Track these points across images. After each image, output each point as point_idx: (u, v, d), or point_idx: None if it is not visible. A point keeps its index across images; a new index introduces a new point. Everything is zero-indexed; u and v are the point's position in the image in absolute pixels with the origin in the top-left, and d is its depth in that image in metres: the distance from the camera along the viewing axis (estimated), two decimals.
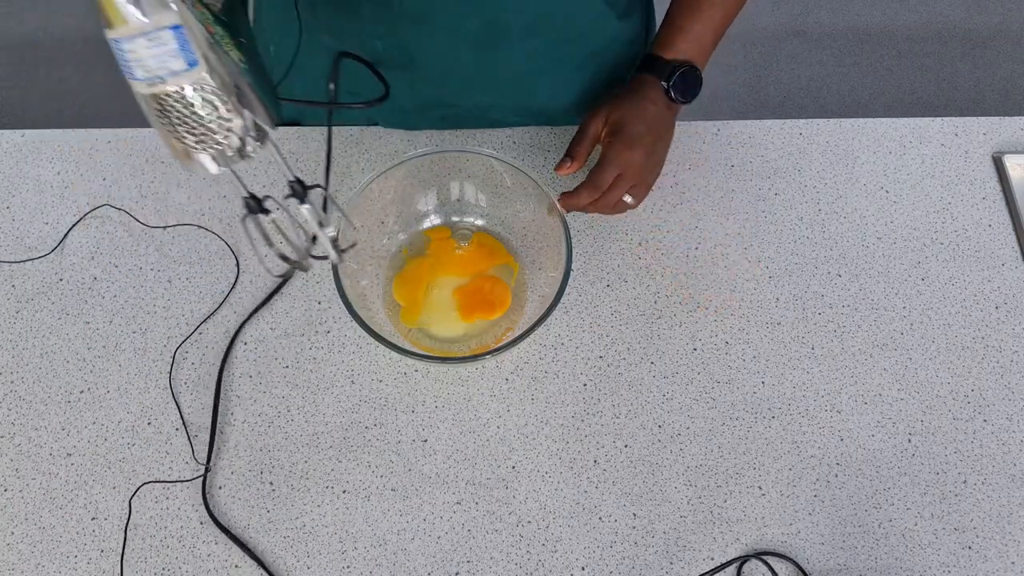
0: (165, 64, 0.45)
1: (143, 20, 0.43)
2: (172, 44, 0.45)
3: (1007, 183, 0.82)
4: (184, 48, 0.45)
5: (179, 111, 0.46)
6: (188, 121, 0.47)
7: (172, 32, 0.44)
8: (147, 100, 0.46)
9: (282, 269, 0.60)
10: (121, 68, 0.45)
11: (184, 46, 0.45)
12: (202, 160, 0.49)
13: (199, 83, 0.46)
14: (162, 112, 0.46)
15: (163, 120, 0.47)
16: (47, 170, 0.80)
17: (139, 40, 0.44)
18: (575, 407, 0.71)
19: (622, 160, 0.70)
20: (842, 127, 0.85)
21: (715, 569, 0.65)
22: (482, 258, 0.74)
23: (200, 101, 0.46)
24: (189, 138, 0.48)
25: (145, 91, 0.45)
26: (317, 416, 0.70)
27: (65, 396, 0.70)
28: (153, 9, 0.43)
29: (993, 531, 0.66)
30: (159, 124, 0.47)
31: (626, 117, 0.71)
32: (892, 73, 1.99)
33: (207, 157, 0.49)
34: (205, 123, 0.47)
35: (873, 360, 0.73)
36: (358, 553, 0.65)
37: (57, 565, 0.64)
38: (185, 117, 0.47)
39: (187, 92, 0.46)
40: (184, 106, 0.46)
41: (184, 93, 0.46)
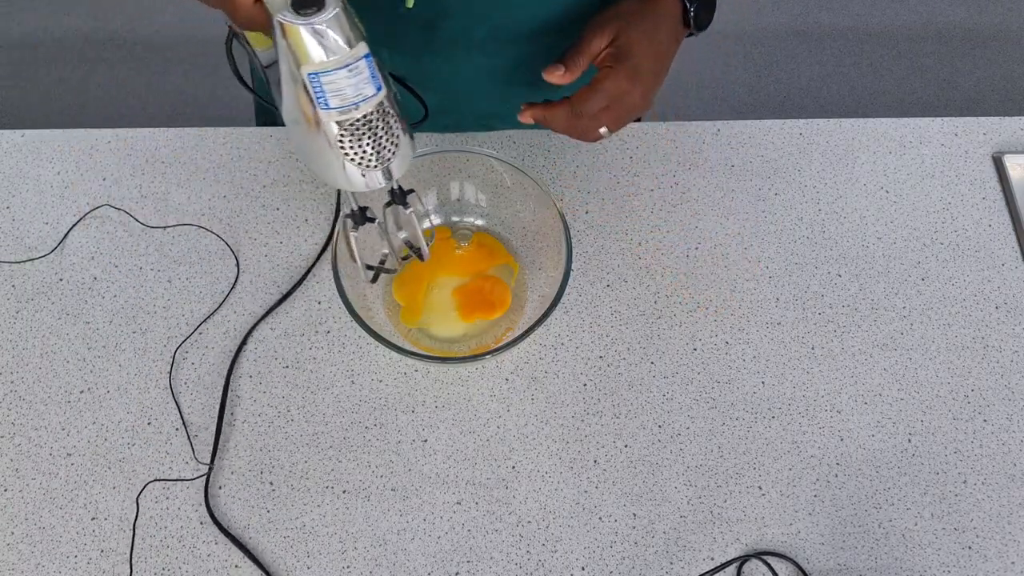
0: (360, 91, 0.48)
1: (346, 52, 0.47)
2: (366, 72, 0.48)
3: (1007, 183, 0.82)
4: (373, 74, 0.48)
5: (365, 132, 0.49)
6: (372, 141, 0.50)
7: (365, 61, 0.47)
8: (329, 127, 0.48)
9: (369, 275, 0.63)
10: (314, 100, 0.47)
11: (373, 72, 0.48)
12: (375, 179, 0.52)
13: (385, 104, 0.49)
14: (346, 136, 0.49)
15: (344, 144, 0.49)
16: (47, 170, 0.80)
17: (341, 71, 0.47)
18: (575, 407, 0.71)
19: (618, 92, 0.63)
20: (842, 127, 0.85)
21: (715, 569, 0.65)
22: (482, 258, 0.74)
23: (384, 121, 0.50)
24: (369, 159, 0.51)
25: (336, 119, 0.48)
26: (317, 416, 0.70)
27: (65, 396, 0.70)
28: (354, 41, 0.47)
29: (993, 531, 0.66)
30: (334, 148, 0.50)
31: (636, 44, 0.63)
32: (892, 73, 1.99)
33: (380, 172, 0.52)
34: (386, 140, 0.50)
35: (873, 360, 0.73)
36: (358, 553, 0.65)
37: (57, 565, 0.64)
38: (370, 138, 0.50)
39: (376, 114, 0.49)
40: (370, 127, 0.49)
41: (372, 115, 0.49)
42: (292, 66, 0.47)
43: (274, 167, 0.81)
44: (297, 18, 0.46)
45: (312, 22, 0.46)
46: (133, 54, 1.98)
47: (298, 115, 0.50)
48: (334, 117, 0.48)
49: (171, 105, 1.90)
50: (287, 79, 0.49)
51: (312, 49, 0.46)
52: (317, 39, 0.46)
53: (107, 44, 2.00)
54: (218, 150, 0.82)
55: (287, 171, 0.81)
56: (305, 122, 0.49)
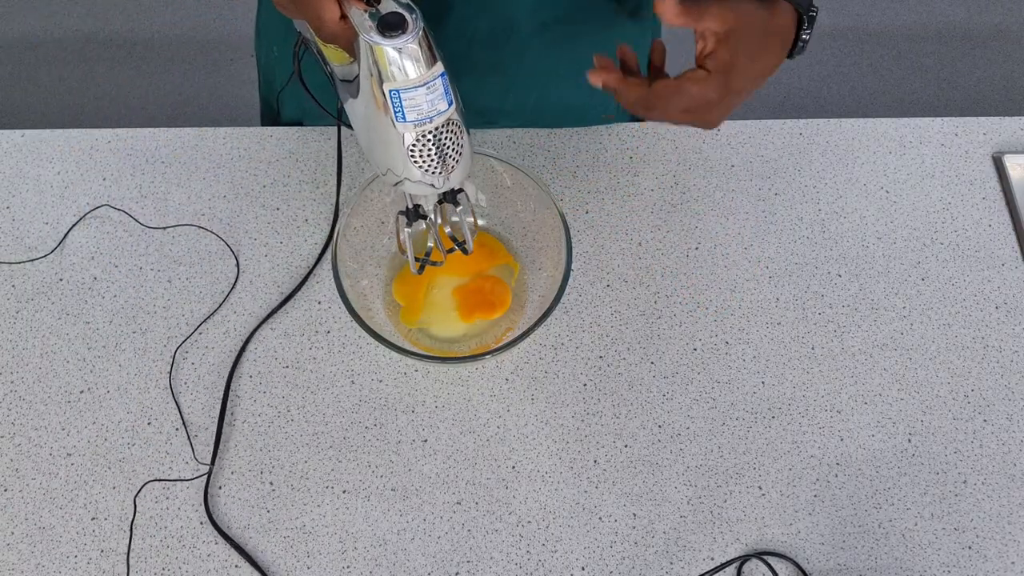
0: (435, 106, 0.52)
1: (426, 72, 0.51)
2: (440, 89, 0.52)
3: (1007, 183, 0.82)
4: (447, 90, 0.52)
5: (434, 143, 0.53)
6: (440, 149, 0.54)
7: (441, 79, 0.51)
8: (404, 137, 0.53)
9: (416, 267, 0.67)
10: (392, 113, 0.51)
11: (447, 89, 0.52)
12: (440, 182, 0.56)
13: (454, 118, 0.54)
14: (417, 145, 0.53)
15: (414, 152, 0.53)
16: (47, 170, 0.80)
17: (420, 89, 0.51)
18: (575, 407, 0.71)
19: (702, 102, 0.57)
20: (842, 127, 0.85)
21: (715, 569, 0.65)
22: (482, 258, 0.74)
23: (452, 133, 0.54)
24: (437, 165, 0.54)
25: (411, 131, 0.52)
26: (317, 416, 0.70)
27: (65, 396, 0.70)
28: (431, 61, 0.51)
29: (993, 531, 0.66)
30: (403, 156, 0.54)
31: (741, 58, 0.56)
32: (892, 73, 1.99)
33: (442, 178, 0.56)
34: (452, 150, 0.54)
35: (873, 360, 0.73)
36: (358, 553, 0.65)
37: (57, 565, 0.64)
38: (439, 147, 0.54)
39: (447, 126, 0.53)
40: (439, 138, 0.53)
41: (443, 128, 0.53)
42: (374, 81, 0.51)
43: (274, 167, 0.81)
44: (383, 40, 0.49)
45: (396, 43, 0.49)
46: (133, 54, 1.98)
47: (373, 122, 0.54)
48: (409, 129, 0.52)
49: (171, 105, 1.90)
50: (366, 91, 0.53)
51: (395, 68, 0.50)
52: (400, 59, 0.50)
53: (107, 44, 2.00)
54: (218, 150, 0.82)
55: (287, 171, 0.81)
56: (380, 128, 0.53)
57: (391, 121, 0.52)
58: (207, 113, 1.88)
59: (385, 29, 0.49)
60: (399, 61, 0.50)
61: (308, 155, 0.82)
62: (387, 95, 0.51)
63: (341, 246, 0.68)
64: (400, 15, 0.50)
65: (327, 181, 0.80)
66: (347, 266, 0.68)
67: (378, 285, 0.73)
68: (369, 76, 0.51)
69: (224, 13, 2.02)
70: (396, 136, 0.53)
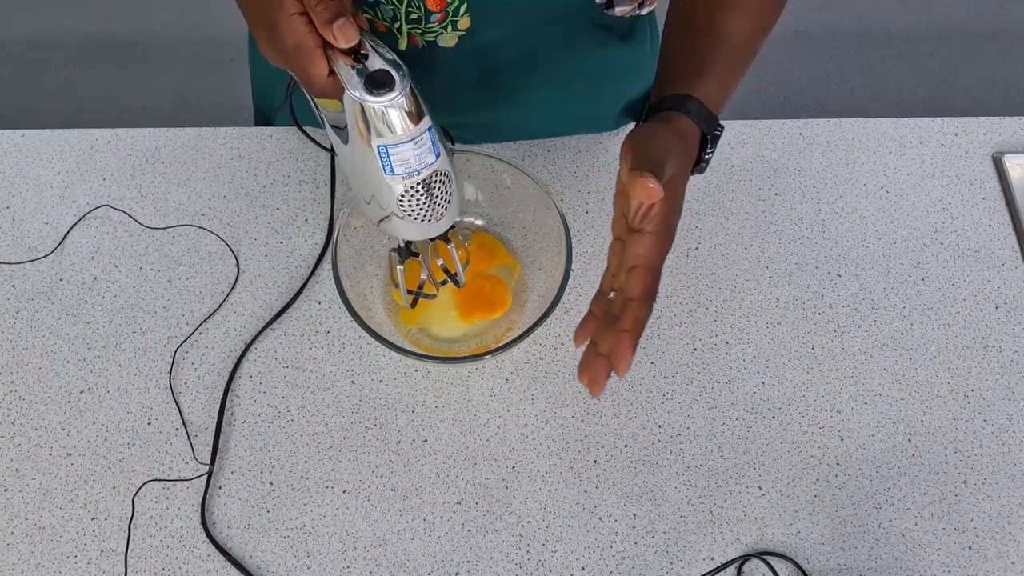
0: (423, 159, 0.53)
1: (412, 128, 0.51)
2: (428, 143, 0.52)
3: (1007, 183, 0.82)
4: (434, 144, 0.53)
5: (423, 193, 0.54)
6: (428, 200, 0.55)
7: (428, 133, 0.52)
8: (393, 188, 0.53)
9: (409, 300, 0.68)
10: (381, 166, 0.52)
11: (434, 142, 0.53)
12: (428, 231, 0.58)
13: (444, 169, 0.54)
14: (406, 196, 0.54)
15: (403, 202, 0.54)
16: (47, 170, 0.80)
17: (408, 144, 0.52)
18: (575, 407, 0.71)
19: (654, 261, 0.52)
20: (842, 127, 0.85)
21: (715, 569, 0.65)
22: (482, 258, 0.74)
23: (440, 183, 0.55)
24: (425, 214, 0.55)
25: (399, 183, 0.53)
26: (317, 416, 0.70)
27: (65, 396, 0.70)
28: (419, 118, 0.51)
29: (993, 531, 0.66)
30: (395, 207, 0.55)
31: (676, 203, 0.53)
32: (892, 73, 1.99)
33: (433, 226, 0.57)
34: (440, 199, 0.55)
35: (873, 360, 0.73)
36: (358, 553, 0.65)
37: (57, 565, 0.64)
38: (427, 197, 0.55)
39: (434, 178, 0.54)
40: (428, 189, 0.54)
41: (431, 179, 0.54)
42: (362, 137, 0.52)
43: (274, 167, 0.81)
44: (371, 97, 0.50)
45: (384, 101, 0.50)
46: (133, 54, 1.98)
47: (364, 173, 0.54)
48: (398, 181, 0.53)
49: (171, 105, 1.90)
50: (355, 143, 0.53)
51: (383, 125, 0.51)
52: (388, 117, 0.50)
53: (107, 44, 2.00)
54: (218, 150, 0.82)
55: (287, 171, 0.81)
56: (368, 178, 0.54)
57: (381, 173, 0.53)
58: (207, 113, 1.88)
59: (372, 87, 0.49)
60: (386, 118, 0.50)
61: (308, 155, 0.82)
62: (375, 150, 0.52)
63: (341, 246, 0.68)
64: (387, 72, 0.50)
65: (327, 181, 0.80)
66: (347, 266, 0.68)
67: (378, 285, 0.73)
68: (357, 129, 0.52)
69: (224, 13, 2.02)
70: (386, 187, 0.54)
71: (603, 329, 0.52)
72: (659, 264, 0.52)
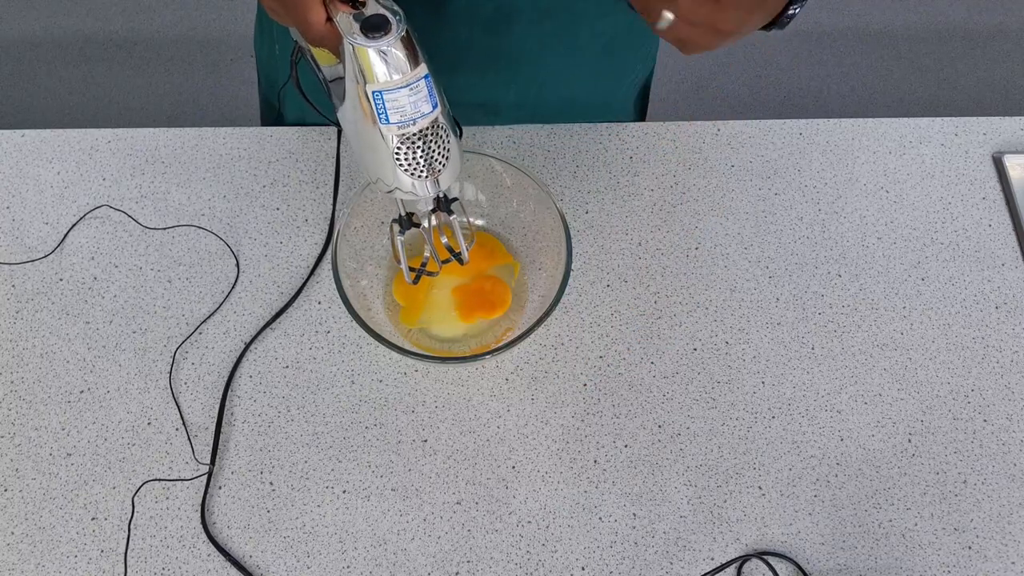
0: (418, 108, 0.52)
1: (408, 73, 0.51)
2: (424, 91, 0.52)
3: (1007, 183, 0.82)
4: (431, 93, 0.52)
5: (419, 146, 0.53)
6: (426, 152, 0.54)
7: (424, 81, 0.52)
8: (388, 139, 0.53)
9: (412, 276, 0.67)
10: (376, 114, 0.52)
11: (431, 91, 0.52)
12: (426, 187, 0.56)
13: (439, 121, 0.53)
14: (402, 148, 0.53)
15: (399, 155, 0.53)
16: (47, 170, 0.80)
17: (402, 91, 0.51)
18: (575, 407, 0.71)
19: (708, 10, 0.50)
20: (842, 127, 0.85)
21: (715, 569, 0.65)
22: (482, 258, 0.74)
23: (437, 136, 0.54)
24: (422, 168, 0.55)
25: (395, 132, 0.52)
26: (317, 416, 0.70)
27: (65, 396, 0.70)
28: (414, 63, 0.51)
29: (993, 531, 0.66)
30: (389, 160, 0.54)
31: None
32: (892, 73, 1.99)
33: (430, 182, 0.56)
34: (438, 153, 0.55)
35: (873, 360, 0.73)
36: (358, 553, 0.65)
37: (57, 565, 0.64)
38: (424, 150, 0.54)
39: (431, 128, 0.53)
40: (425, 141, 0.53)
41: (427, 130, 0.53)
42: (358, 83, 0.51)
43: (274, 167, 0.81)
44: (366, 40, 0.50)
45: (379, 44, 0.50)
46: (133, 54, 1.98)
47: (360, 126, 0.54)
48: (393, 131, 0.52)
49: (171, 105, 1.90)
50: (351, 94, 0.53)
51: (377, 69, 0.50)
52: (382, 60, 0.50)
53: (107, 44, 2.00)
54: (218, 150, 0.82)
55: (287, 171, 0.81)
56: (366, 132, 0.54)
57: (375, 124, 0.52)
58: (207, 113, 1.88)
59: (368, 31, 0.50)
60: (381, 62, 0.50)
61: (308, 155, 0.82)
62: (370, 97, 0.51)
63: (341, 246, 0.68)
64: (383, 16, 0.50)
65: (327, 181, 0.80)
66: (347, 266, 0.68)
67: (378, 285, 0.73)
68: (354, 79, 0.52)
69: (224, 13, 2.02)
70: (381, 139, 0.53)
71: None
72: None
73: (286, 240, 0.77)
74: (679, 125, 0.84)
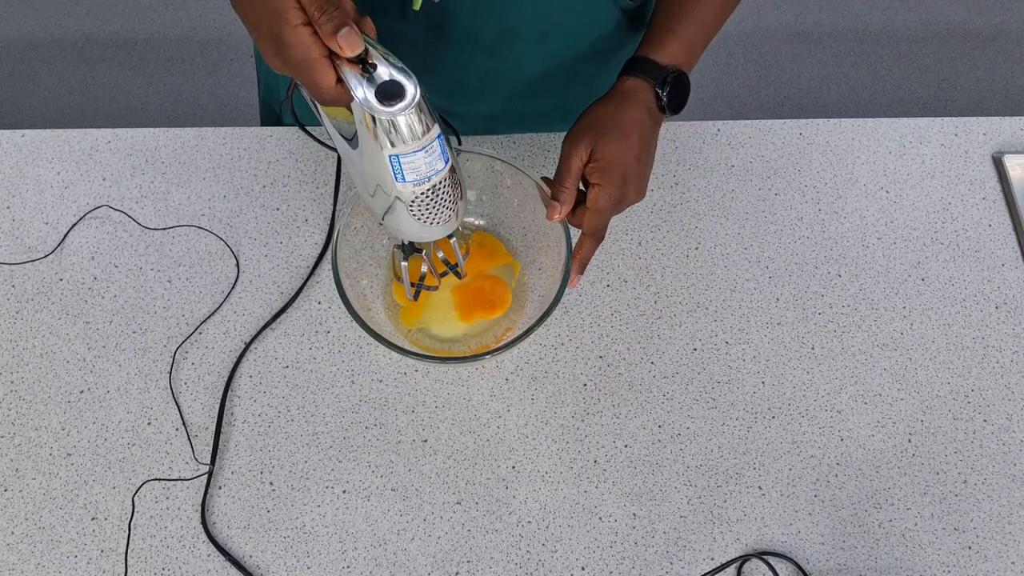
0: (432, 166, 0.53)
1: (423, 137, 0.51)
2: (437, 150, 0.53)
3: (1007, 183, 0.82)
4: (443, 150, 0.53)
5: (432, 198, 0.55)
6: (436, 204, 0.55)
7: (438, 141, 0.53)
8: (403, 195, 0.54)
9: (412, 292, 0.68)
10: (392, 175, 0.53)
11: (443, 149, 0.53)
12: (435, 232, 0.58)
13: (451, 174, 0.55)
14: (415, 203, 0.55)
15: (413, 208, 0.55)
16: (47, 170, 0.80)
17: (418, 154, 0.52)
18: (575, 407, 0.71)
19: (614, 203, 0.64)
20: (842, 127, 0.85)
21: (715, 569, 0.65)
22: (482, 258, 0.74)
23: (447, 187, 0.55)
24: (433, 217, 0.56)
25: (410, 190, 0.54)
26: (317, 416, 0.70)
27: (65, 396, 0.70)
28: (430, 125, 0.51)
29: (993, 531, 0.66)
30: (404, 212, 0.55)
31: (614, 152, 0.64)
32: (892, 73, 1.99)
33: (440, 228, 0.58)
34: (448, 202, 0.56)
35: (873, 360, 0.73)
36: (358, 553, 0.65)
37: (57, 565, 0.64)
38: (435, 202, 0.55)
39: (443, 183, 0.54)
40: (436, 194, 0.55)
41: (439, 184, 0.54)
42: (373, 146, 0.52)
43: (274, 167, 0.81)
44: (383, 108, 0.50)
45: (396, 114, 0.50)
46: (133, 54, 1.98)
47: (373, 181, 0.55)
48: (408, 188, 0.54)
49: (171, 105, 1.90)
50: (366, 151, 0.53)
51: (394, 137, 0.51)
52: (399, 127, 0.50)
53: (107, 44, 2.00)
54: (218, 150, 0.82)
55: (287, 171, 0.81)
56: (380, 189, 0.55)
57: (392, 181, 0.53)
58: (207, 113, 1.88)
59: (384, 98, 0.49)
60: (398, 129, 0.50)
61: (308, 155, 0.82)
62: (387, 159, 0.52)
63: (341, 246, 0.68)
64: (398, 83, 0.50)
65: (327, 181, 0.80)
66: (347, 266, 0.68)
67: (378, 285, 0.73)
68: (369, 141, 0.52)
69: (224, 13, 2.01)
70: (396, 193, 0.54)
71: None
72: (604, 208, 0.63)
73: (286, 240, 0.77)
74: (679, 125, 0.84)
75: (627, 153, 0.65)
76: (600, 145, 0.64)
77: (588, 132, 0.65)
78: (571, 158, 0.64)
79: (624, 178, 0.64)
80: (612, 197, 0.64)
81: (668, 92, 0.66)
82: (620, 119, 0.65)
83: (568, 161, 0.64)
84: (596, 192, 0.64)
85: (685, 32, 0.68)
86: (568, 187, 0.64)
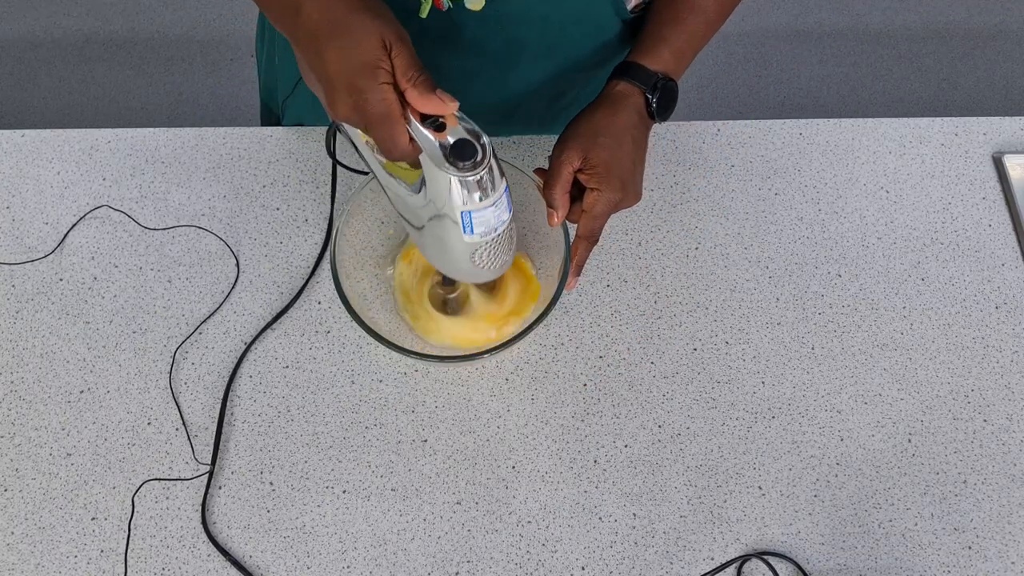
0: (500, 219, 0.55)
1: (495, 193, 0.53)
2: (504, 203, 0.55)
3: (1007, 183, 0.82)
4: (508, 203, 0.55)
5: (495, 247, 0.57)
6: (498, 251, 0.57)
7: (505, 194, 0.55)
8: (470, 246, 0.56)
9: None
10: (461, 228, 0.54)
11: (508, 202, 0.55)
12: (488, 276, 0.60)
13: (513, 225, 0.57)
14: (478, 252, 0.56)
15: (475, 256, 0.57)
16: (47, 170, 0.80)
17: (489, 209, 0.54)
18: (575, 407, 0.71)
19: (611, 207, 0.65)
20: (842, 127, 0.85)
21: (715, 569, 0.65)
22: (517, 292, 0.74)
23: (509, 235, 0.57)
24: (492, 263, 0.58)
25: (476, 241, 0.55)
26: (317, 416, 0.70)
27: (65, 396, 0.70)
28: (499, 181, 0.53)
29: (993, 531, 0.66)
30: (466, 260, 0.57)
31: (607, 158, 0.64)
32: (892, 73, 1.99)
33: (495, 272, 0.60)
34: (507, 248, 0.58)
35: (873, 360, 0.73)
36: (358, 553, 0.65)
37: (57, 565, 0.64)
38: (497, 249, 0.57)
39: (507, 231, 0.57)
40: (499, 242, 0.57)
41: (503, 233, 0.56)
42: (446, 204, 0.53)
43: (274, 167, 0.81)
44: (457, 171, 0.51)
45: (470, 175, 0.51)
46: (133, 54, 1.98)
47: (441, 232, 0.56)
48: (475, 239, 0.55)
49: (171, 105, 1.90)
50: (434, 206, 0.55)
51: (468, 196, 0.52)
52: (473, 187, 0.52)
53: (107, 44, 2.00)
54: (218, 150, 0.82)
55: (287, 171, 0.81)
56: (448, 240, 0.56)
57: (461, 233, 0.54)
58: (207, 113, 1.88)
59: (458, 158, 0.50)
60: (472, 188, 0.51)
61: (308, 155, 0.82)
62: (459, 216, 0.53)
63: (341, 246, 0.68)
64: (471, 144, 0.51)
65: (327, 181, 0.80)
66: (347, 266, 0.68)
67: (378, 285, 0.73)
68: (442, 197, 0.53)
69: (224, 13, 2.01)
70: (462, 245, 0.56)
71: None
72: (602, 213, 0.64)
73: (286, 240, 0.77)
74: (679, 125, 0.84)
75: (623, 158, 0.65)
76: (594, 151, 0.64)
77: (579, 139, 0.65)
78: (562, 165, 0.64)
79: (623, 183, 0.65)
80: (610, 202, 0.64)
81: (658, 98, 0.67)
82: (612, 124, 0.66)
83: (559, 168, 0.65)
84: (595, 196, 0.64)
85: (676, 41, 0.69)
86: (560, 193, 0.65)
